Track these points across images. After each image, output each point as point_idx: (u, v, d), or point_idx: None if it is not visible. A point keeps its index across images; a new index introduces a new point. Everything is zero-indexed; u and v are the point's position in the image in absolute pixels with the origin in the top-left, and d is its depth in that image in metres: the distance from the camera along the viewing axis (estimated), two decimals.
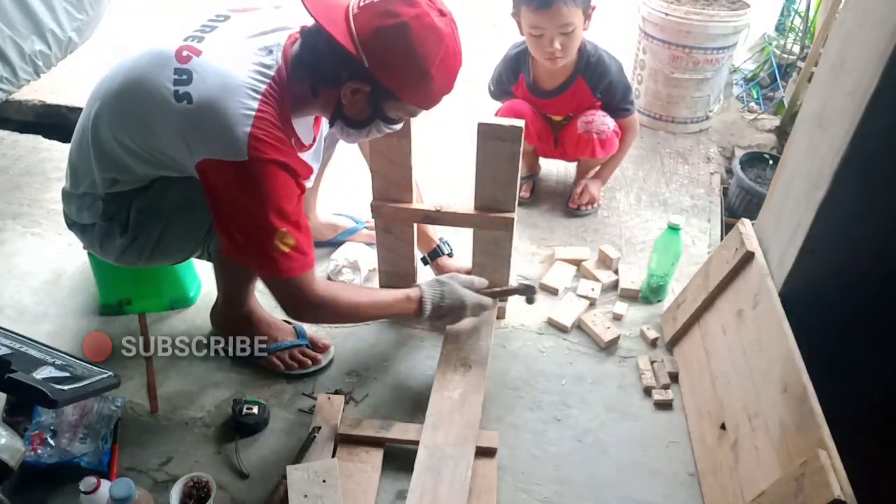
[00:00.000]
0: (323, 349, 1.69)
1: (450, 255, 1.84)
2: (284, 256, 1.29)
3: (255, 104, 1.23)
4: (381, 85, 1.27)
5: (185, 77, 1.23)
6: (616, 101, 2.10)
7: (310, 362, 1.65)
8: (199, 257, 1.57)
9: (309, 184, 1.40)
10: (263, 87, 1.25)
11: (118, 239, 1.45)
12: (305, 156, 1.42)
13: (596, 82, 2.06)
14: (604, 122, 2.07)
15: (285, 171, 1.27)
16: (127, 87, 1.29)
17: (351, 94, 1.29)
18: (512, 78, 2.15)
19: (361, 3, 1.23)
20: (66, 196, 1.50)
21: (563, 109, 2.15)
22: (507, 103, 2.16)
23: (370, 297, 1.54)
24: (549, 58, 1.95)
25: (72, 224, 1.52)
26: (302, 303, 1.38)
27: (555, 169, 2.44)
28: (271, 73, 1.27)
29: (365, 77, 1.26)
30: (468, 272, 1.71)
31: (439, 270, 1.82)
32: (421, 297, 1.52)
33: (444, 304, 1.53)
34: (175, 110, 1.22)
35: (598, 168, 2.25)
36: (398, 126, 1.43)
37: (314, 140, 1.49)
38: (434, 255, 1.83)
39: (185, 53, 1.25)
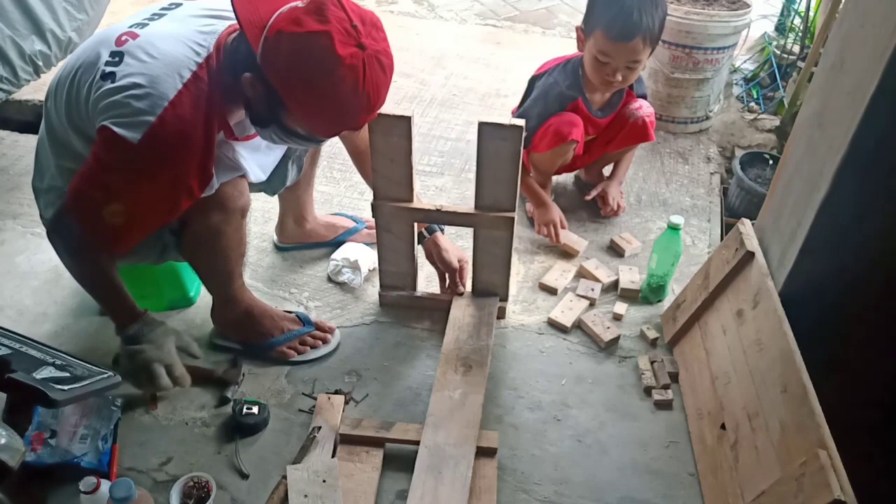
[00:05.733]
0: (329, 331, 1.70)
1: (442, 230, 1.78)
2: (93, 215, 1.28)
3: (172, 94, 1.24)
4: (271, 86, 1.26)
5: (116, 59, 1.26)
6: None
7: (321, 343, 1.68)
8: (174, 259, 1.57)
9: (211, 191, 1.36)
10: (188, 73, 1.26)
11: None
12: (241, 146, 1.43)
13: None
14: (647, 105, 2.07)
15: (169, 171, 1.27)
16: (68, 73, 1.33)
17: (250, 86, 1.28)
18: (561, 109, 2.01)
19: (291, 6, 1.24)
20: (35, 192, 1.49)
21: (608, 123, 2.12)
22: (557, 116, 1.99)
23: (111, 278, 1.42)
24: (605, 84, 1.93)
25: (45, 221, 1.48)
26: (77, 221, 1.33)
27: None
28: (200, 59, 1.28)
29: (259, 73, 1.26)
30: (461, 259, 1.76)
31: (434, 248, 1.76)
32: (129, 325, 1.42)
33: (137, 355, 1.42)
34: (97, 88, 1.25)
35: (611, 169, 2.25)
36: (302, 143, 1.41)
37: (254, 135, 1.45)
38: (428, 232, 1.76)
39: (123, 38, 1.29)
